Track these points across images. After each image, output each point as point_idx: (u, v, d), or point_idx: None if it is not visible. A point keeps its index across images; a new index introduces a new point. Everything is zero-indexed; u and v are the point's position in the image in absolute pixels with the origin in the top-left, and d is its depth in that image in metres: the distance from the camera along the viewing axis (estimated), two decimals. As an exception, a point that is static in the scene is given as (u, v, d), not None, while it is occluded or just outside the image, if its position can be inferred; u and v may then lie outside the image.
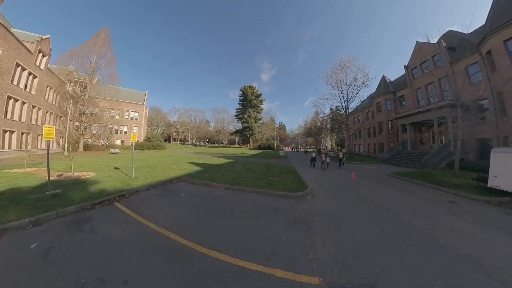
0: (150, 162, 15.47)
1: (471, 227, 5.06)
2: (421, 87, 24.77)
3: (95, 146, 30.45)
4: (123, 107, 40.12)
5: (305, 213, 5.53)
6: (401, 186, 10.40)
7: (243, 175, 10.72)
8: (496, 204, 7.71)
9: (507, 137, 15.35)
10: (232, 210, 5.53)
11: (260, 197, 7.09)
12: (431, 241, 4.10)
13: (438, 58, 22.36)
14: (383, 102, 31.51)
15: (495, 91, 15.85)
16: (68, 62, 25.49)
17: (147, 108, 52.12)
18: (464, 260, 3.44)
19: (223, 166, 14.48)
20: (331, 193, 8.15)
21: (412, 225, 5.01)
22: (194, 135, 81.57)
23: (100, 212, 5.08)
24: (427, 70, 24.00)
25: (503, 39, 14.90)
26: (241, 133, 65.51)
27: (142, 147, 37.57)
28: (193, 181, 8.98)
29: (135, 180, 8.61)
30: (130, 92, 44.42)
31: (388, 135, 30.46)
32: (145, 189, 7.50)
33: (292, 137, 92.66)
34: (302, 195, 7.39)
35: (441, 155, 17.97)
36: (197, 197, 6.81)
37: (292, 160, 23.75)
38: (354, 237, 4.14)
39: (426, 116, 21.06)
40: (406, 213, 5.97)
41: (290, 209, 5.90)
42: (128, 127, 41.48)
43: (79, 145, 26.30)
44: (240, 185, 8.33)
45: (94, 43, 25.81)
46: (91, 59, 25.80)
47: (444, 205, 7.12)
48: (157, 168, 12.06)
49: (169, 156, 21.43)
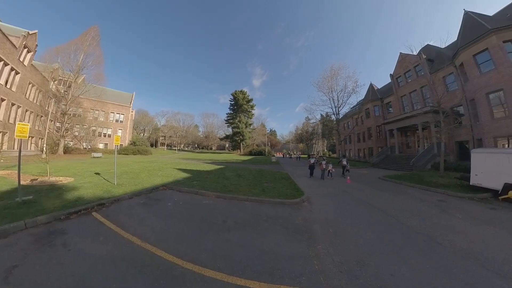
0: (135, 167, 14.64)
1: (462, 223, 5.46)
2: (406, 94, 26.00)
3: (76, 149, 28.80)
4: (108, 108, 38.39)
5: (304, 221, 5.29)
6: (393, 188, 10.79)
7: (235, 182, 10.17)
8: (479, 200, 8.45)
9: (481, 139, 16.63)
10: (225, 221, 5.06)
11: (255, 205, 6.68)
12: (430, 240, 4.27)
13: (419, 68, 23.84)
14: (371, 108, 32.66)
15: (469, 99, 17.23)
16: (53, 59, 24.26)
17: (134, 111, 50.23)
18: (461, 256, 3.64)
19: (213, 173, 13.82)
20: (327, 199, 8.02)
21: (409, 225, 5.20)
22: (182, 140, 79.59)
23: (76, 224, 4.49)
24: (410, 79, 25.36)
25: (472, 53, 16.54)
26: (232, 138, 64.92)
27: (126, 152, 35.94)
28: (181, 188, 8.38)
29: (117, 187, 7.97)
30: (116, 93, 42.68)
31: (377, 140, 31.49)
32: (128, 198, 6.85)
33: (283, 143, 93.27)
34: (299, 202, 7.17)
35: (426, 157, 18.82)
36: (185, 206, 6.26)
37: (285, 166, 23.58)
38: (357, 242, 4.05)
39: (411, 121, 22.07)
40: (403, 214, 6.16)
41: (288, 217, 5.60)
42: (113, 130, 39.65)
43: (58, 147, 24.67)
44: (232, 192, 7.85)
45: (83, 41, 24.82)
46: (78, 57, 24.74)
47: (436, 204, 7.55)
48: (142, 175, 11.34)
49: (155, 162, 20.50)
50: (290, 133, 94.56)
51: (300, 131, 79.49)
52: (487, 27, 15.40)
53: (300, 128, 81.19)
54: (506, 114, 14.80)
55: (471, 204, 7.71)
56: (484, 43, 15.66)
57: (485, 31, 15.39)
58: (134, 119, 56.63)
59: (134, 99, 44.53)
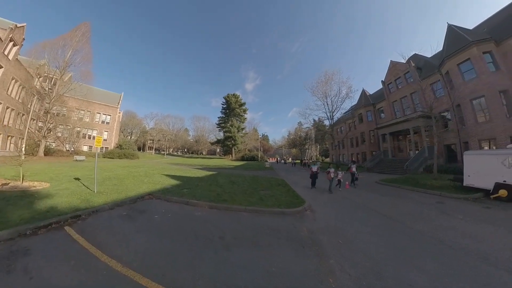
0: (119, 173, 13.72)
1: (463, 224, 5.78)
2: (397, 100, 27.15)
3: (58, 151, 27.37)
4: (94, 108, 37.03)
5: (310, 232, 4.97)
6: (392, 192, 11.12)
7: (229, 190, 9.59)
8: (473, 200, 9.06)
9: (467, 142, 17.95)
10: (223, 237, 4.43)
11: (254, 216, 6.17)
12: (439, 243, 4.40)
13: (409, 75, 25.29)
14: (364, 114, 34.17)
15: (455, 104, 18.66)
16: (40, 54, 23.35)
17: (121, 112, 48.53)
18: (472, 256, 3.79)
19: (205, 180, 13.02)
20: (329, 206, 7.87)
21: (416, 229, 5.29)
22: (171, 144, 77.79)
23: (43, 241, 3.81)
24: (401, 86, 26.83)
25: (456, 62, 18.11)
26: (223, 143, 64.30)
27: (112, 155, 34.54)
28: (169, 198, 7.63)
29: (97, 195, 7.19)
30: (103, 92, 41.43)
31: (369, 144, 32.81)
32: (108, 208, 6.08)
33: (276, 148, 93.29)
34: (301, 210, 6.84)
35: (418, 161, 19.90)
36: (175, 219, 5.57)
37: (280, 172, 23.46)
38: (368, 252, 3.92)
39: (403, 126, 23.38)
40: (407, 218, 6.30)
41: (292, 229, 5.19)
42: (98, 132, 38.26)
43: (39, 148, 23.37)
44: (227, 202, 7.27)
45: (72, 37, 24.22)
46: (66, 53, 24.00)
47: (435, 206, 7.92)
48: (126, 181, 10.52)
49: (142, 167, 19.46)
50: (282, 138, 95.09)
51: (292, 136, 79.89)
52: (469, 39, 17.07)
53: (292, 133, 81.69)
54: (487, 118, 16.29)
55: (467, 205, 8.22)
56: (466, 53, 17.23)
57: (467, 43, 17.05)
58: (122, 121, 54.76)
59: (122, 100, 43.09)
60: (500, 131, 15.32)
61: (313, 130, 62.60)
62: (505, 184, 8.62)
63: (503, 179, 8.72)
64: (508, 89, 15.29)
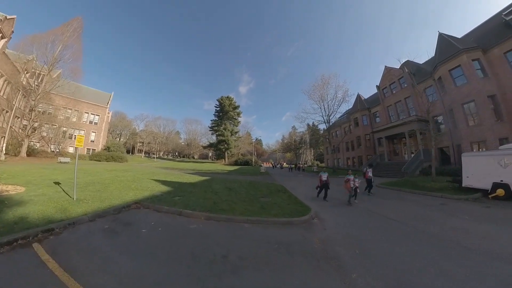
0: (105, 177, 12.77)
1: (472, 224, 6.00)
2: (392, 104, 27.97)
3: (42, 151, 26.17)
4: (82, 107, 35.84)
5: (323, 243, 4.65)
6: (394, 195, 11.34)
7: (226, 198, 8.93)
8: (474, 200, 9.42)
9: (459, 145, 18.78)
10: (226, 256, 3.77)
11: (258, 228, 5.63)
12: (457, 246, 4.45)
13: (403, 80, 26.09)
14: (360, 118, 35.08)
15: (448, 109, 19.76)
16: (28, 48, 22.52)
17: (110, 112, 46.91)
18: (490, 257, 3.88)
19: (198, 186, 12.26)
20: (336, 212, 7.72)
21: (430, 233, 5.31)
22: (162, 148, 75.98)
23: (4, 263, 3.11)
24: (395, 91, 27.51)
25: (448, 69, 19.19)
26: (216, 146, 63.17)
27: (99, 158, 33.46)
28: (159, 207, 6.86)
29: (77, 203, 6.44)
30: (92, 91, 40.25)
31: (365, 148, 33.56)
32: (88, 220, 5.30)
33: (270, 153, 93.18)
34: (308, 219, 6.49)
35: (415, 164, 20.63)
36: (167, 234, 4.78)
37: (276, 177, 23.11)
38: (389, 262, 3.78)
39: (399, 129, 24.24)
40: (417, 221, 6.35)
41: (304, 241, 4.77)
42: (86, 132, 36.96)
43: (22, 148, 22.15)
44: (226, 212, 6.61)
45: (63, 32, 23.53)
46: (56, 48, 23.18)
47: (440, 208, 8.09)
48: (111, 187, 9.68)
49: (130, 171, 18.24)
50: (276, 142, 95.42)
51: (286, 140, 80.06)
52: (459, 47, 18.28)
53: (286, 137, 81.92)
54: (478, 122, 17.33)
55: (469, 205, 8.51)
56: (457, 60, 18.35)
57: (457, 51, 18.22)
58: (111, 121, 53.04)
59: (112, 100, 41.64)
60: (489, 133, 16.29)
61: (308, 134, 62.88)
62: (502, 183, 9.10)
63: (500, 179, 9.20)
64: (495, 94, 16.39)
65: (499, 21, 18.08)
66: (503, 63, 16.02)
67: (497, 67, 16.39)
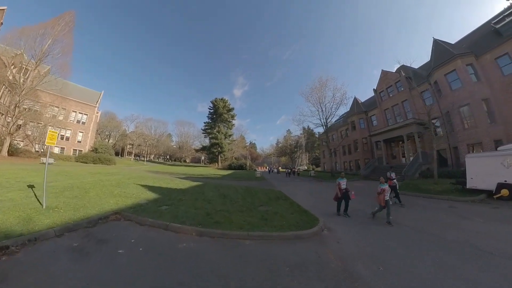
0: (87, 181, 11.97)
1: (486, 226, 6.17)
2: (389, 108, 29.37)
3: (26, 151, 25.22)
4: (70, 106, 34.80)
5: (341, 260, 4.19)
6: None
7: (221, 207, 8.19)
8: (480, 202, 9.61)
9: (456, 147, 19.85)
10: (227, 286, 3.21)
11: (262, 245, 4.84)
12: (480, 252, 4.52)
13: (399, 84, 27.51)
14: (357, 121, 36.12)
15: (444, 112, 20.80)
16: (16, 41, 21.89)
17: (100, 112, 45.77)
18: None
19: (189, 192, 11.45)
20: (345, 221, 7.39)
21: (449, 239, 5.34)
22: (152, 150, 74.73)
23: None
24: (392, 94, 28.74)
25: (444, 73, 20.44)
26: (209, 150, 63.07)
27: (85, 160, 32.57)
28: (143, 219, 6.06)
29: (46, 212, 5.63)
30: (80, 89, 39.28)
31: (363, 152, 34.48)
32: (54, 235, 4.52)
33: (264, 157, 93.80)
34: (318, 231, 5.96)
35: (414, 166, 21.47)
36: (149, 256, 3.98)
37: (274, 182, 22.90)
38: (419, 276, 3.66)
39: (397, 132, 25.29)
40: (432, 227, 6.35)
41: (318, 259, 4.21)
42: (72, 132, 35.82)
43: (3, 147, 21.35)
44: (221, 225, 5.88)
45: (54, 25, 23.11)
46: (45, 41, 22.69)
47: (451, 211, 8.18)
48: (91, 192, 8.92)
49: (117, 174, 17.46)
50: (271, 146, 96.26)
51: (281, 144, 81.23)
52: (453, 52, 19.58)
53: (281, 141, 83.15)
54: (473, 125, 18.48)
55: (477, 207, 8.58)
56: (452, 65, 19.64)
57: (452, 56, 19.49)
58: (99, 121, 51.56)
59: (101, 99, 40.81)
60: (484, 136, 17.43)
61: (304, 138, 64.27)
62: (506, 183, 9.44)
63: (504, 179, 9.52)
64: (488, 98, 17.66)
65: (489, 29, 19.73)
66: (494, 68, 17.34)
67: (489, 72, 17.71)
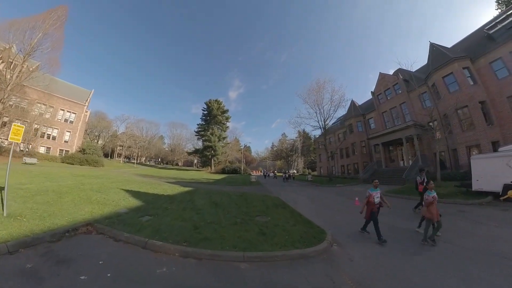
0: (65, 184, 10.93)
1: (502, 231, 6.22)
2: (387, 110, 30.20)
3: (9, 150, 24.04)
4: (58, 104, 33.96)
5: (358, 285, 3.61)
6: (405, 205, 11.06)
7: (211, 218, 7.20)
8: (488, 204, 9.50)
9: (455, 149, 20.53)
10: None
11: (261, 270, 4.01)
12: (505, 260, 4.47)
13: (397, 87, 28.29)
14: (354, 124, 36.80)
15: (442, 114, 21.35)
16: (5, 34, 21.38)
17: (89, 111, 44.73)
18: None
19: (177, 200, 10.49)
20: (353, 232, 6.66)
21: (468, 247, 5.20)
22: (143, 153, 73.28)
23: None
24: (390, 97, 29.52)
25: (441, 76, 21.25)
26: (202, 153, 62.23)
27: (72, 161, 31.96)
28: (118, 233, 5.15)
29: (6, 221, 4.97)
30: (69, 86, 38.43)
31: (361, 155, 34.97)
32: (6, 251, 3.80)
33: (259, 160, 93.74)
34: (327, 247, 5.16)
35: (414, 170, 21.64)
36: (118, 286, 3.20)
37: (269, 187, 22.42)
38: None
39: (397, 135, 25.77)
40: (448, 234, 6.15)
41: (332, 285, 3.61)
42: (59, 131, 34.83)
43: None
44: (211, 243, 4.96)
45: (45, 19, 22.69)
46: (35, 35, 22.15)
47: (461, 216, 8.20)
48: (67, 197, 8.12)
49: (101, 177, 16.51)
50: (266, 149, 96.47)
51: (276, 148, 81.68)
52: (450, 56, 20.48)
53: (276, 145, 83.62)
54: (471, 127, 19.25)
55: (486, 210, 8.60)
56: (449, 68, 20.50)
57: (449, 59, 20.37)
58: (89, 121, 50.29)
59: (91, 98, 40.03)
60: (482, 137, 18.14)
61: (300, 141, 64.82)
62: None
63: (510, 180, 9.55)
64: (485, 100, 18.49)
65: (482, 35, 20.95)
66: (489, 72, 18.29)
67: (484, 75, 18.66)
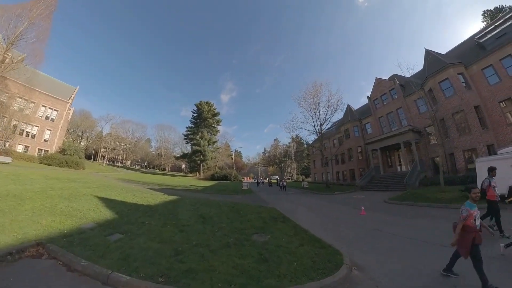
0: (32, 188, 10.02)
1: None
2: (383, 115, 31.29)
3: None
4: (39, 99, 32.38)
5: None
6: (414, 212, 11.17)
7: (198, 238, 6.11)
8: None
9: (452, 153, 21.54)
10: None
11: None
12: None
13: (394, 92, 29.45)
14: (351, 129, 37.52)
15: (439, 119, 22.13)
16: None
17: (72, 109, 43.11)
18: None
19: (158, 212, 9.18)
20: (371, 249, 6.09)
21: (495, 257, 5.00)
22: (129, 156, 71.32)
23: None
24: (386, 102, 30.64)
25: (438, 81, 22.56)
26: (190, 157, 61.25)
27: (50, 162, 30.71)
28: (74, 259, 4.12)
29: None
30: (53, 81, 36.90)
31: (358, 161, 35.41)
32: None
33: (250, 166, 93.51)
34: (347, 274, 4.39)
35: (414, 175, 22.49)
36: None
37: (263, 195, 21.94)
38: None
39: (394, 140, 26.63)
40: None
41: None
42: (39, 129, 33.19)
43: None
44: (197, 278, 3.85)
45: (33, 7, 22.01)
46: (21, 23, 21.46)
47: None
48: (26, 205, 7.25)
49: (77, 181, 15.31)
50: (257, 155, 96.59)
51: (268, 153, 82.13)
52: (445, 62, 21.85)
53: (268, 150, 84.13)
54: (467, 131, 20.39)
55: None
56: (445, 73, 21.86)
57: (444, 64, 21.73)
58: (72, 119, 48.37)
59: (76, 95, 38.79)
60: (477, 141, 19.27)
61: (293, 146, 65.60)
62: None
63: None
64: (479, 105, 19.75)
65: (473, 44, 22.65)
66: (481, 78, 19.68)
67: (477, 81, 20.06)
